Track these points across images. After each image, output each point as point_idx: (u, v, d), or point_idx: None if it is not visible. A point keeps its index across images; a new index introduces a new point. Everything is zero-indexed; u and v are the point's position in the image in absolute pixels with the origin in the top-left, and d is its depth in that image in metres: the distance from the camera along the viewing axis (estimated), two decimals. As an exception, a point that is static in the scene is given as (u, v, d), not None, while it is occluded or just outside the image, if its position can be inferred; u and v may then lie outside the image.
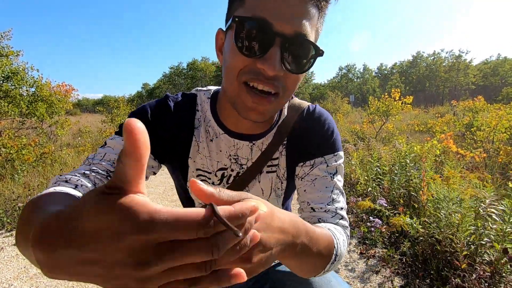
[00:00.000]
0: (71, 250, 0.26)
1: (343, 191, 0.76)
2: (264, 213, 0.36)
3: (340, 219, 0.71)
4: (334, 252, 0.59)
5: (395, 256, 2.37)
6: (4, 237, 3.11)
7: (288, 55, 0.60)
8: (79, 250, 0.26)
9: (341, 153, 0.80)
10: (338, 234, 0.63)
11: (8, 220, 3.36)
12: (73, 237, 0.26)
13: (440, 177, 2.50)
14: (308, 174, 0.76)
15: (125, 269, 0.26)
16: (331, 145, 0.78)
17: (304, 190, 0.75)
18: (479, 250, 2.01)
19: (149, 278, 0.27)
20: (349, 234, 0.70)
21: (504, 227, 1.85)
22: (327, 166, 0.75)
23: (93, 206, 0.26)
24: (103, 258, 0.26)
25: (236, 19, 0.59)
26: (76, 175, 0.60)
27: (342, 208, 0.72)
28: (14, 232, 3.21)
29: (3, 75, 6.76)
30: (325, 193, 0.72)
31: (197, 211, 0.27)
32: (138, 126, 0.25)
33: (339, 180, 0.76)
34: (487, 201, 2.03)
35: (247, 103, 0.63)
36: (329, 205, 0.71)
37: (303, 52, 0.61)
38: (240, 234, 0.28)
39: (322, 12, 0.65)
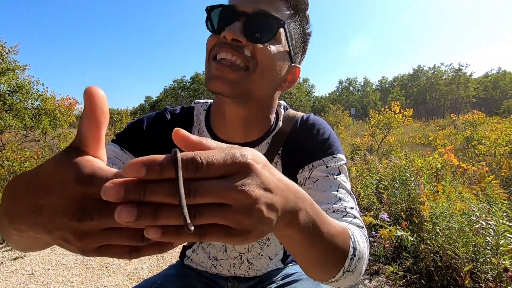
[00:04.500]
0: (28, 196, 0.30)
1: (352, 193, 0.71)
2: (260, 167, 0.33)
3: (353, 218, 0.63)
4: (351, 243, 0.52)
5: (399, 272, 2.34)
6: (4, 251, 3.10)
7: (249, 27, 0.64)
8: (34, 195, 0.29)
9: (342, 155, 0.76)
10: (353, 229, 0.57)
11: (9, 234, 3.35)
12: (31, 185, 0.30)
13: (437, 192, 2.49)
14: (308, 177, 0.73)
15: (65, 219, 0.27)
16: (328, 148, 0.76)
17: (308, 194, 0.73)
18: (481, 267, 1.98)
19: (86, 234, 0.28)
20: (366, 236, 0.62)
21: (499, 241, 1.84)
22: (327, 167, 0.72)
23: (51, 161, 0.30)
24: (49, 205, 0.28)
25: (208, 8, 0.68)
26: None
27: (352, 208, 0.66)
28: (14, 246, 3.20)
29: (9, 88, 6.88)
30: (330, 193, 0.67)
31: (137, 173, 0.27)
32: (98, 92, 0.28)
33: (345, 181, 0.71)
34: (483, 215, 2.02)
35: (211, 71, 0.65)
36: (336, 204, 0.65)
37: (263, 24, 0.65)
38: (192, 228, 0.25)
39: (296, 14, 0.71)
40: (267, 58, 0.66)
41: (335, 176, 0.71)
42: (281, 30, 0.67)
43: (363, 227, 0.64)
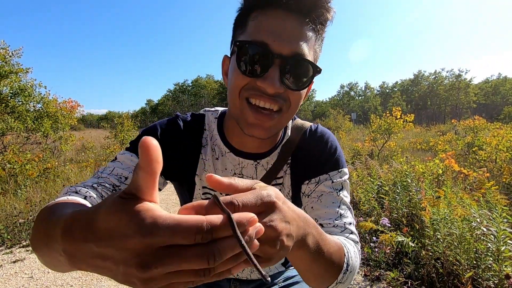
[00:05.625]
0: (88, 244, 0.30)
1: (351, 207, 0.76)
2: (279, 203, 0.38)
3: (350, 234, 0.70)
4: (345, 260, 0.58)
5: (400, 278, 2.32)
6: (3, 254, 3.09)
7: (287, 74, 0.63)
8: (94, 245, 0.29)
9: (346, 169, 0.81)
10: (348, 245, 0.63)
11: (9, 237, 3.34)
12: (90, 233, 0.30)
13: (438, 197, 2.48)
14: (314, 191, 0.77)
15: (130, 269, 0.28)
16: (335, 162, 0.79)
17: (311, 207, 0.75)
18: (483, 274, 1.97)
19: (151, 279, 0.29)
20: (359, 250, 0.69)
21: (500, 248, 1.83)
22: (332, 182, 0.76)
23: (109, 207, 0.29)
24: (112, 255, 0.29)
25: (238, 43, 0.64)
26: (85, 187, 0.64)
27: (350, 223, 0.72)
28: (14, 249, 3.19)
29: (11, 91, 6.92)
30: (332, 209, 0.72)
31: (198, 218, 0.28)
32: (153, 143, 0.28)
33: (346, 196, 0.76)
34: (484, 221, 2.01)
35: (249, 119, 0.66)
36: (337, 220, 0.71)
37: (301, 70, 0.65)
38: (248, 251, 0.29)
39: (319, 35, 0.69)
40: (299, 98, 0.69)
41: (338, 192, 0.76)
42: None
43: (357, 242, 0.70)
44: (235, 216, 0.30)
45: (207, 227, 0.28)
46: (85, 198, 0.60)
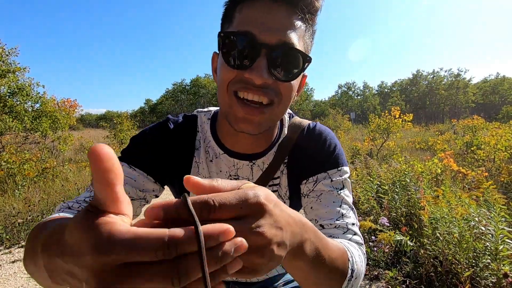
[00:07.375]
0: (57, 259, 0.30)
1: (353, 207, 0.72)
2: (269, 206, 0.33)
3: (353, 235, 0.66)
4: (350, 266, 0.54)
5: (399, 277, 2.33)
6: (2, 254, 3.08)
7: (275, 64, 0.60)
8: (61, 260, 0.29)
9: (346, 168, 0.77)
10: (352, 249, 0.59)
11: (8, 237, 3.33)
12: (59, 247, 0.29)
13: (437, 197, 2.49)
14: (312, 190, 0.73)
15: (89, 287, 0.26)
16: (334, 160, 0.75)
17: (311, 207, 0.72)
18: (481, 273, 1.98)
19: None
20: (364, 252, 0.65)
21: (498, 247, 1.84)
22: (331, 181, 0.72)
23: (74, 222, 0.27)
24: (76, 272, 0.27)
25: (222, 35, 0.62)
26: (77, 203, 0.63)
27: (353, 224, 0.68)
28: (12, 249, 3.18)
29: (9, 90, 6.89)
30: (333, 208, 0.68)
31: (160, 231, 0.25)
32: (104, 152, 0.25)
33: (347, 196, 0.72)
34: (483, 221, 2.02)
35: (238, 114, 0.63)
36: (338, 220, 0.67)
37: (290, 60, 0.62)
38: (207, 274, 0.25)
39: (309, 25, 0.67)
40: (290, 90, 0.66)
41: (339, 191, 0.71)
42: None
43: (362, 244, 0.66)
44: (204, 228, 0.26)
45: (169, 241, 0.25)
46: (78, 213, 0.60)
